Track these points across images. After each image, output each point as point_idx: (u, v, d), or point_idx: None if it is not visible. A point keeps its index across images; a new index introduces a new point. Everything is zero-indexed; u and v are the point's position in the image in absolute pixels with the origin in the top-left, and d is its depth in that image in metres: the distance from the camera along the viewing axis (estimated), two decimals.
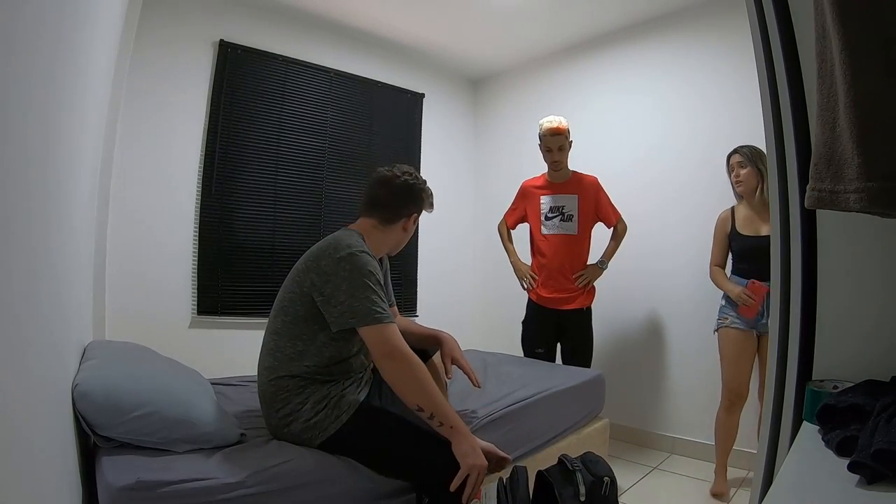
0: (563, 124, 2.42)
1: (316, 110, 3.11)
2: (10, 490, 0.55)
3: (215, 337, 2.68)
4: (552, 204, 2.52)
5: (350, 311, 1.28)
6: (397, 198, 1.52)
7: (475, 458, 1.24)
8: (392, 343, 1.28)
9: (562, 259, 2.48)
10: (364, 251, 1.35)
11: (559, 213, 2.50)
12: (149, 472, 1.04)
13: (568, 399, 2.01)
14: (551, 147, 2.44)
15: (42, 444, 0.75)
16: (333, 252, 1.33)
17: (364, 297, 1.28)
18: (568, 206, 2.49)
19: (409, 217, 1.55)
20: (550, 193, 2.54)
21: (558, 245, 2.49)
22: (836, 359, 0.83)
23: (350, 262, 1.30)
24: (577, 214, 2.47)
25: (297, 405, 1.31)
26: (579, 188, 2.49)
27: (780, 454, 0.86)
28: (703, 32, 2.74)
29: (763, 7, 0.88)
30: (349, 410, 1.31)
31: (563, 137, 2.43)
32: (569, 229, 2.48)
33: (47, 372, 0.85)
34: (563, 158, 2.48)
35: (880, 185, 0.55)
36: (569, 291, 2.47)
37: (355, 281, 1.29)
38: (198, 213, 2.66)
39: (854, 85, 0.55)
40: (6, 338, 0.55)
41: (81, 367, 1.25)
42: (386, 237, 1.53)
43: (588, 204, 2.49)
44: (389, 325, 1.29)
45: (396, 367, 1.27)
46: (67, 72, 0.94)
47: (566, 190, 2.51)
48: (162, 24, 2.52)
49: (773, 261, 0.91)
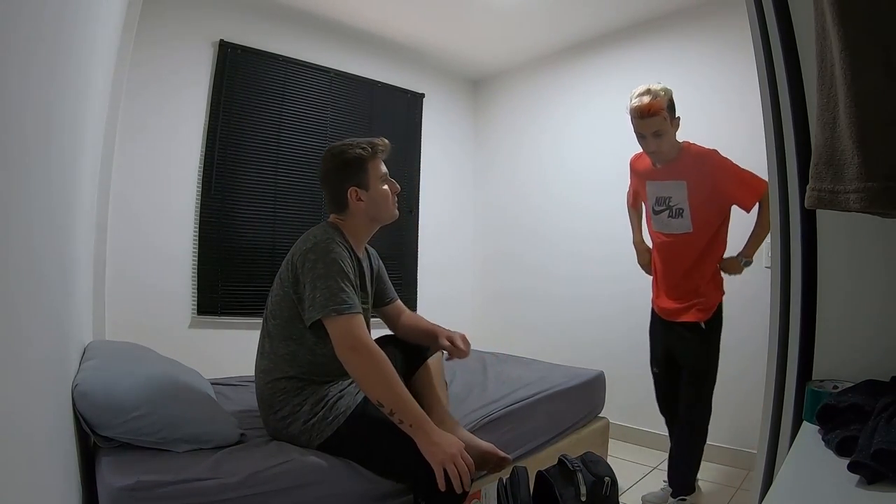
0: (656, 101, 1.72)
1: (316, 110, 3.11)
2: (11, 490, 0.55)
3: (215, 337, 2.68)
4: (657, 195, 1.93)
5: (313, 303, 1.26)
6: (328, 185, 1.47)
7: (441, 451, 1.19)
8: (354, 334, 1.24)
9: (674, 263, 1.94)
10: (331, 239, 1.33)
11: (666, 207, 1.90)
12: (149, 472, 1.04)
13: (568, 399, 2.01)
14: (644, 133, 1.78)
15: (42, 443, 0.75)
16: (302, 245, 1.34)
17: (325, 286, 1.25)
18: (675, 196, 1.86)
19: (350, 190, 1.44)
20: (654, 179, 1.94)
21: (671, 246, 1.93)
22: (836, 359, 0.83)
23: (315, 251, 1.30)
24: (687, 207, 1.84)
25: (296, 406, 1.31)
26: (687, 170, 1.82)
27: (780, 454, 0.86)
28: (703, 32, 2.74)
29: (763, 7, 0.88)
30: (346, 412, 1.30)
31: (658, 119, 1.72)
32: (681, 227, 1.87)
33: (47, 372, 0.85)
34: (663, 147, 1.78)
35: (880, 185, 0.55)
36: (679, 300, 1.92)
37: (318, 271, 1.27)
38: (198, 213, 2.66)
39: (854, 85, 0.55)
40: (6, 338, 0.55)
41: (81, 367, 1.25)
42: (354, 223, 1.47)
43: (701, 190, 1.80)
44: (353, 316, 1.26)
45: (359, 361, 1.24)
46: (67, 72, 0.94)
47: (671, 174, 1.86)
48: (162, 23, 2.52)
49: (773, 261, 0.91)
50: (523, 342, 3.37)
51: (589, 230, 3.19)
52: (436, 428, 1.25)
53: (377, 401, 1.23)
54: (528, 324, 3.50)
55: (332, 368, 1.35)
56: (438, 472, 1.18)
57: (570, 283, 3.27)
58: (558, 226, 3.38)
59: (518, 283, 3.62)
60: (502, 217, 3.79)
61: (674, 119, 1.80)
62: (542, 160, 3.51)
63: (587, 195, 3.22)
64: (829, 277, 0.85)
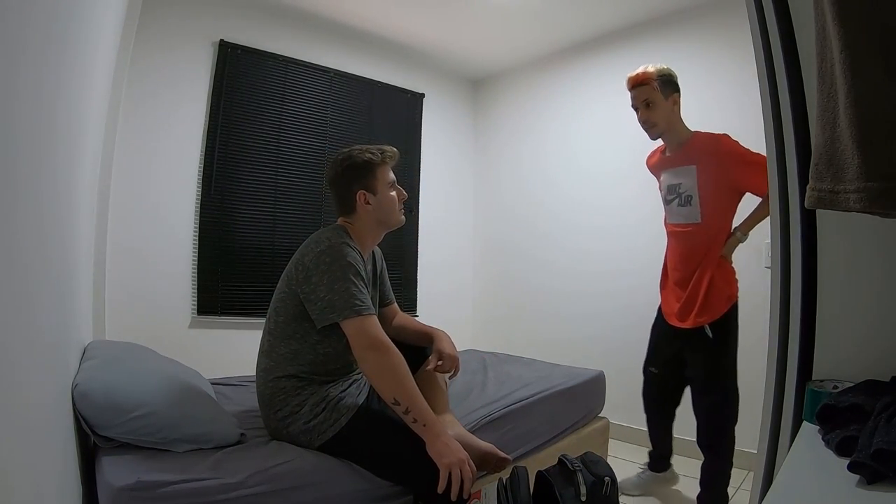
0: (644, 70, 1.84)
1: (316, 110, 3.11)
2: (11, 490, 0.55)
3: (215, 337, 2.68)
4: (669, 183, 1.90)
5: (329, 305, 1.27)
6: (337, 187, 1.48)
7: (451, 455, 1.20)
8: (371, 333, 1.26)
9: (678, 257, 1.89)
10: (345, 243, 1.34)
11: (676, 195, 1.87)
12: (149, 472, 1.04)
13: (568, 399, 2.00)
14: (636, 104, 1.86)
15: (42, 443, 0.75)
16: (315, 247, 1.33)
17: (343, 289, 1.26)
18: (685, 182, 1.82)
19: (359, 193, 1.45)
20: (666, 168, 1.92)
21: (681, 237, 1.89)
22: (836, 359, 0.83)
23: (329, 254, 1.30)
24: (696, 195, 1.79)
25: (296, 406, 1.31)
26: (696, 154, 1.80)
27: (780, 454, 0.86)
28: (703, 32, 2.74)
29: (763, 7, 0.88)
30: (347, 414, 1.30)
31: (647, 88, 1.82)
32: (690, 216, 1.82)
33: (47, 372, 0.85)
34: (653, 117, 1.82)
35: (880, 185, 0.54)
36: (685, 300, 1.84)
37: (334, 273, 1.28)
38: (198, 213, 2.66)
39: (854, 85, 0.55)
40: (6, 338, 0.55)
41: (81, 367, 1.25)
42: (361, 226, 1.47)
43: (711, 175, 1.76)
44: (369, 317, 1.28)
45: (377, 358, 1.25)
46: (68, 71, 0.94)
47: (681, 160, 1.84)
48: (162, 23, 2.52)
49: (773, 261, 0.91)
50: (523, 341, 3.37)
51: (590, 228, 3.19)
52: (446, 430, 1.27)
53: (392, 398, 1.23)
54: (527, 322, 3.50)
55: (334, 367, 1.36)
56: (444, 473, 1.19)
57: (570, 283, 3.27)
58: (558, 225, 3.38)
59: (518, 282, 3.62)
60: (502, 217, 3.79)
61: (668, 93, 1.82)
62: (541, 160, 3.51)
63: (587, 194, 3.22)
64: (829, 277, 0.85)
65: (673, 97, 1.83)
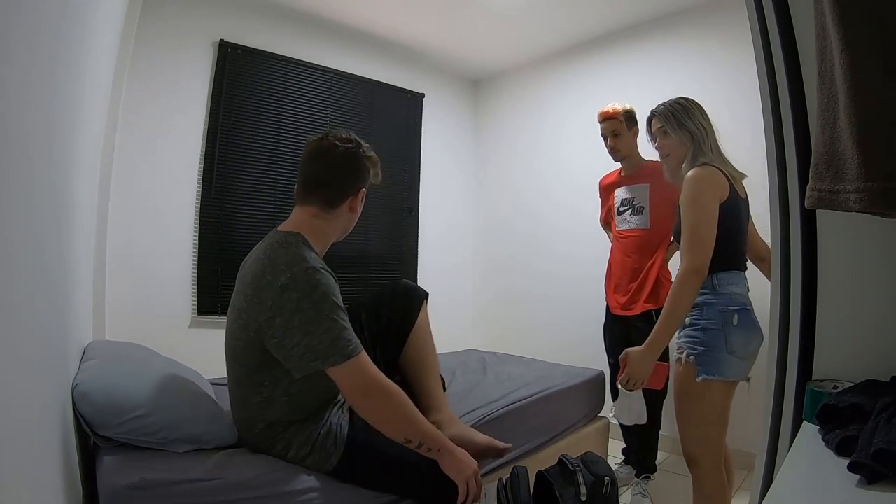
0: (612, 108, 2.23)
1: (316, 110, 3.11)
2: (11, 489, 0.55)
3: (215, 337, 2.65)
4: (623, 197, 2.31)
5: (310, 352, 1.09)
6: (339, 172, 1.26)
7: (466, 469, 1.20)
8: (365, 378, 1.13)
9: (630, 257, 2.23)
10: (309, 266, 1.12)
11: (629, 206, 2.28)
12: (149, 472, 1.04)
13: (568, 399, 2.01)
14: (605, 133, 2.26)
15: (42, 443, 0.75)
16: (272, 279, 1.11)
17: (323, 329, 1.08)
18: (639, 196, 2.25)
19: (356, 194, 1.30)
20: (621, 185, 2.33)
21: (630, 241, 2.25)
22: (836, 359, 0.83)
23: (294, 289, 1.09)
24: (647, 205, 2.21)
25: (282, 451, 1.22)
26: (649, 176, 2.21)
27: (780, 454, 0.86)
28: (703, 32, 2.74)
29: (763, 7, 0.88)
30: (339, 449, 1.22)
31: (615, 122, 2.21)
32: (641, 223, 2.23)
33: (47, 372, 0.85)
34: (618, 145, 2.23)
35: (880, 185, 0.55)
36: (630, 293, 2.21)
37: (305, 314, 1.08)
38: (198, 213, 2.66)
39: (854, 85, 0.55)
40: (7, 338, 0.55)
41: (81, 367, 1.25)
42: (331, 225, 1.28)
43: (659, 192, 2.16)
44: (359, 357, 1.12)
45: (375, 405, 1.15)
46: (68, 71, 0.94)
47: (636, 180, 2.27)
48: (162, 23, 2.52)
49: (773, 261, 0.91)
50: (523, 341, 3.36)
51: (589, 230, 3.17)
52: (456, 446, 1.24)
53: (404, 439, 1.17)
54: (527, 323, 3.50)
55: (310, 401, 1.24)
56: (463, 488, 1.19)
57: (570, 283, 3.27)
58: (558, 225, 3.37)
59: (519, 281, 3.62)
60: (502, 217, 3.79)
61: (630, 126, 2.24)
62: (542, 160, 3.51)
63: (587, 195, 3.20)
64: (829, 277, 0.85)
65: (634, 129, 2.25)
